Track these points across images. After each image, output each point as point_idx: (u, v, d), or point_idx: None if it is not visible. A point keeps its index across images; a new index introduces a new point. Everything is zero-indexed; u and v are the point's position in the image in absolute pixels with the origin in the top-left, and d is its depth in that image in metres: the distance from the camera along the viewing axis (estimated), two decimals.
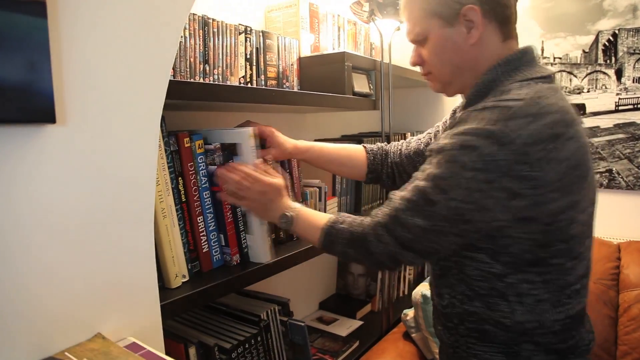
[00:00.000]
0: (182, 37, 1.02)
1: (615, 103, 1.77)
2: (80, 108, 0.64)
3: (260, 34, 1.25)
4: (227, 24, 1.14)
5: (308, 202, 1.31)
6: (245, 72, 1.21)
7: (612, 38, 1.75)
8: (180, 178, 0.92)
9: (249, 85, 1.22)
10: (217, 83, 1.12)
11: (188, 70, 1.05)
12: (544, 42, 1.87)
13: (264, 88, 1.24)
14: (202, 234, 0.96)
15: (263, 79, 1.27)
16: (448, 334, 0.92)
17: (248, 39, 1.21)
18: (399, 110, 2.20)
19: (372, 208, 1.67)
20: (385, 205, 0.86)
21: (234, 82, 1.18)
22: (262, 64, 1.26)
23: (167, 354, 0.68)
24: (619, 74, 1.76)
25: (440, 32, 0.86)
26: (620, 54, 1.74)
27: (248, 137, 1.00)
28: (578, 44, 1.81)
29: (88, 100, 0.64)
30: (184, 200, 0.93)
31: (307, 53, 1.44)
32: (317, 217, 0.95)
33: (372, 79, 1.57)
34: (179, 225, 0.91)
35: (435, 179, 0.78)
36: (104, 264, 0.69)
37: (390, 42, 1.59)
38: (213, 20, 1.10)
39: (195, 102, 0.93)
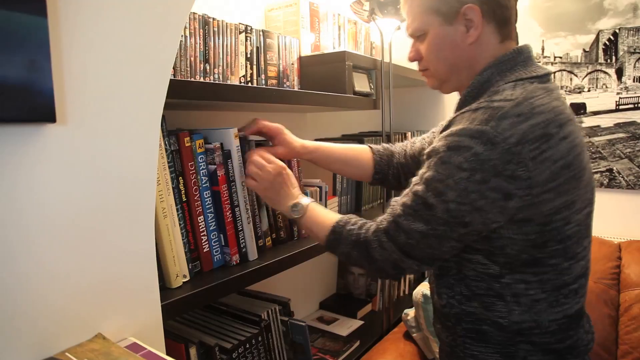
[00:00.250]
0: (182, 36, 1.02)
1: (616, 102, 1.77)
2: (81, 107, 0.63)
3: (261, 33, 1.25)
4: (227, 23, 1.14)
5: None
6: (246, 71, 1.21)
7: (612, 37, 1.75)
8: (181, 177, 0.92)
9: (250, 85, 1.22)
10: (217, 82, 1.11)
11: (188, 70, 1.05)
12: (545, 41, 1.87)
13: (265, 87, 1.23)
14: (202, 234, 0.96)
15: (263, 78, 1.27)
16: (446, 333, 0.92)
17: (248, 38, 1.20)
18: (400, 110, 2.20)
19: (372, 208, 1.67)
20: (387, 212, 0.86)
21: (235, 81, 1.18)
22: (262, 63, 1.26)
23: (167, 354, 0.68)
24: (620, 73, 1.76)
25: (439, 29, 0.86)
26: (621, 53, 1.74)
27: (232, 136, 1.00)
28: (578, 43, 1.81)
29: (88, 100, 0.64)
30: (185, 200, 0.93)
31: (307, 52, 1.44)
32: (327, 214, 0.96)
33: (372, 78, 1.57)
34: (180, 225, 0.91)
35: (431, 182, 0.78)
36: (105, 264, 0.69)
37: (391, 41, 1.59)
38: (213, 20, 1.10)
39: (196, 101, 0.93)
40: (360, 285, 1.89)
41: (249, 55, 1.21)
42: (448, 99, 2.12)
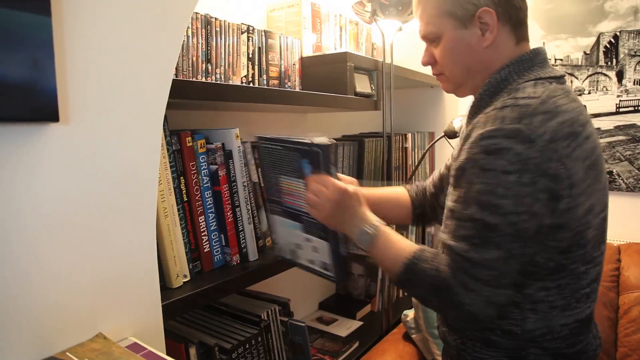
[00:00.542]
0: (184, 36, 1.02)
1: (616, 105, 1.77)
2: (84, 107, 0.63)
3: (263, 34, 1.25)
4: (229, 23, 1.14)
5: None
6: (247, 71, 1.21)
7: (613, 40, 1.75)
8: (182, 177, 0.92)
9: (251, 85, 1.22)
10: (219, 82, 1.11)
11: (190, 70, 1.05)
12: (545, 43, 1.87)
13: (266, 88, 1.24)
14: (203, 234, 0.96)
15: (265, 79, 1.27)
16: (455, 336, 0.90)
17: (250, 39, 1.20)
18: (401, 111, 2.20)
19: None
20: (447, 255, 0.77)
21: (236, 81, 1.18)
22: (264, 64, 1.26)
23: (167, 354, 0.68)
24: (620, 76, 1.76)
25: (454, 33, 0.84)
26: (621, 56, 1.74)
27: (234, 137, 1.00)
28: (579, 46, 1.82)
29: (91, 99, 0.64)
30: (186, 200, 0.93)
31: (309, 53, 1.44)
32: (400, 243, 0.85)
33: (373, 79, 1.57)
34: (181, 225, 0.90)
35: (481, 197, 0.72)
36: (106, 263, 0.69)
37: (392, 42, 1.59)
38: (216, 20, 1.10)
39: (197, 101, 0.93)
40: (360, 286, 1.89)
41: (251, 56, 1.21)
42: (449, 101, 2.13)
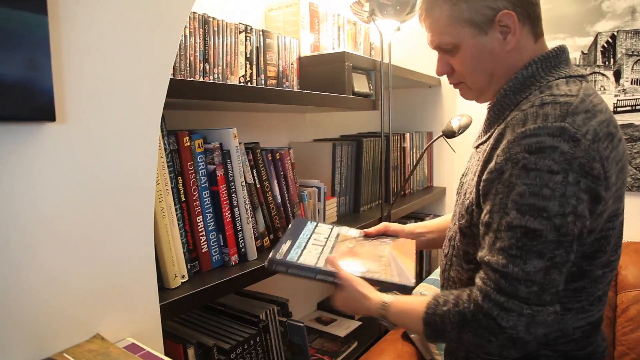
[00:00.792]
0: (182, 35, 1.01)
1: (614, 104, 1.77)
2: (81, 106, 0.63)
3: (261, 33, 1.25)
4: (227, 23, 1.14)
5: (306, 203, 1.30)
6: (245, 71, 1.21)
7: (610, 40, 1.75)
8: (180, 177, 0.92)
9: (249, 85, 1.22)
10: (217, 82, 1.11)
11: (188, 69, 1.04)
12: None
13: (265, 87, 1.23)
14: (201, 234, 0.96)
15: (263, 78, 1.27)
16: None
17: (248, 38, 1.20)
18: (399, 111, 2.20)
19: (370, 209, 1.67)
20: (483, 272, 0.73)
21: (234, 81, 1.17)
22: (262, 63, 1.26)
23: (165, 355, 0.68)
24: (618, 76, 1.76)
25: (475, 40, 0.80)
26: (619, 56, 1.74)
27: (232, 137, 1.00)
28: (577, 45, 1.82)
29: (88, 99, 0.64)
30: (184, 200, 0.92)
31: (307, 52, 1.44)
32: (413, 305, 0.82)
33: (371, 79, 1.57)
34: (179, 225, 0.90)
35: (523, 201, 0.67)
36: (103, 264, 0.68)
37: (390, 42, 1.59)
38: (213, 19, 1.09)
39: (195, 101, 0.93)
40: None
41: (249, 55, 1.21)
42: (447, 100, 2.13)
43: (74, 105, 0.62)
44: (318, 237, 1.05)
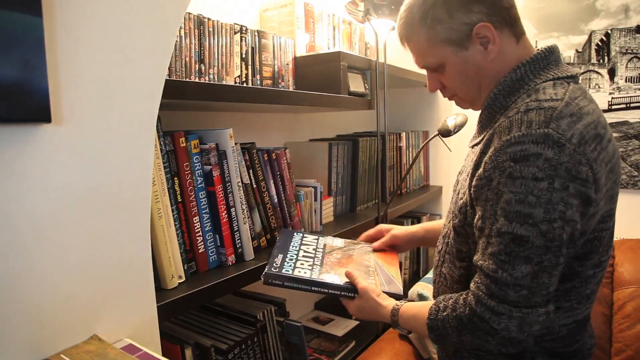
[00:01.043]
0: (177, 36, 1.01)
1: (608, 102, 1.78)
2: (76, 107, 0.63)
3: (256, 34, 1.25)
4: (222, 24, 1.14)
5: (302, 203, 1.30)
6: (241, 71, 1.21)
7: (604, 38, 1.76)
8: (176, 178, 0.92)
9: (245, 85, 1.22)
10: (213, 82, 1.11)
11: (183, 70, 1.05)
12: (538, 42, 1.88)
13: (261, 87, 1.23)
14: (198, 234, 0.96)
15: (258, 79, 1.27)
16: None
17: (243, 39, 1.20)
18: (394, 110, 2.20)
19: (367, 208, 1.67)
20: (477, 277, 0.76)
21: (230, 81, 1.18)
22: (257, 64, 1.26)
23: (163, 355, 0.68)
24: (612, 74, 1.77)
25: (457, 57, 0.82)
26: (613, 54, 1.75)
27: (228, 137, 1.00)
28: (571, 44, 1.83)
29: (84, 100, 0.64)
30: (180, 201, 0.92)
31: (302, 52, 1.44)
32: (419, 309, 0.86)
33: (367, 79, 1.57)
34: (175, 226, 0.90)
35: (510, 208, 0.69)
36: (100, 265, 0.68)
37: (385, 41, 1.59)
38: (208, 20, 1.10)
39: (191, 102, 0.93)
40: None
41: (244, 56, 1.21)
42: (442, 99, 2.13)
43: (70, 107, 0.62)
44: (307, 248, 1.11)
